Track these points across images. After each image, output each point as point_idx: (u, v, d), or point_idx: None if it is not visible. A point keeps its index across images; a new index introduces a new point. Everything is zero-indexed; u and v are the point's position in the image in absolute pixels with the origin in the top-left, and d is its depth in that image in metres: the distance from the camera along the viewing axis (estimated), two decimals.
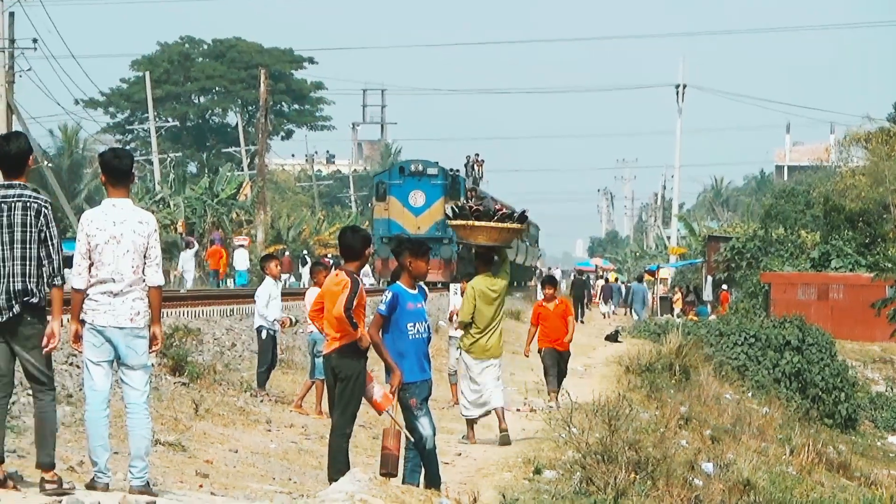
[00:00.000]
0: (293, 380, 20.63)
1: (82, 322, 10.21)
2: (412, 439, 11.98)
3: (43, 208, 10.02)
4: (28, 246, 9.95)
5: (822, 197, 60.57)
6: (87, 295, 10.15)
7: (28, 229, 9.95)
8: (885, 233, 55.04)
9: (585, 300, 60.07)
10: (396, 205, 50.54)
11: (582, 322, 51.01)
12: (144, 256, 10.38)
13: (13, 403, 12.02)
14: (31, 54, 59.36)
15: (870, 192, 59.15)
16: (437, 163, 51.82)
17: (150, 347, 10.47)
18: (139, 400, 10.39)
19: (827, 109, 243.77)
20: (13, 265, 9.91)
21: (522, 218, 18.58)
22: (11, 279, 9.89)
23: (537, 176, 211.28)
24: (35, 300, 9.97)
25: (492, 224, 17.57)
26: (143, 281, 10.39)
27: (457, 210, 18.64)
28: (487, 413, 17.33)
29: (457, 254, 53.82)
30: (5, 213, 9.92)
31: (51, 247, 10.01)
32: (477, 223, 17.60)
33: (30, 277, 9.94)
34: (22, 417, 12.79)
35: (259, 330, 19.62)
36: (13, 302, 9.89)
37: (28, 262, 9.95)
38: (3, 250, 9.91)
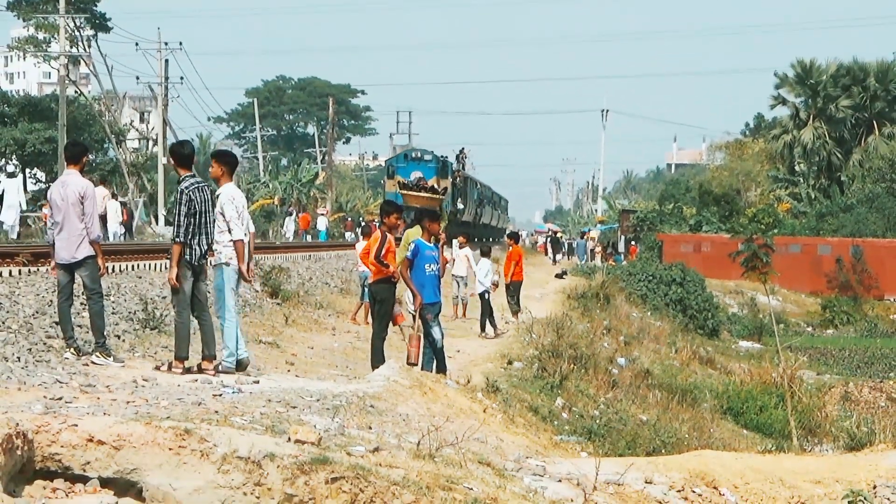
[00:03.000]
0: (350, 301, 20.51)
1: (227, 264, 10.03)
2: (428, 341, 11.92)
3: (210, 190, 10.12)
4: (214, 214, 9.97)
5: (697, 185, 60.61)
6: (223, 243, 10.02)
7: (213, 205, 10.00)
8: (738, 208, 55.08)
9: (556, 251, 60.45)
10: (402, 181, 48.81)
11: (555, 263, 51.16)
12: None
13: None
14: (179, 87, 59.64)
15: (728, 181, 59.51)
16: (432, 151, 48.67)
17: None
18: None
19: (700, 126, 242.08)
20: (211, 227, 9.90)
21: (434, 191, 18.78)
22: (210, 235, 9.90)
23: (509, 168, 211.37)
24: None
25: (420, 194, 17.62)
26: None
27: (403, 184, 18.80)
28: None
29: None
30: (200, 193, 9.82)
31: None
32: (411, 192, 17.58)
33: (214, 234, 10.00)
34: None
35: (482, 294, 19.26)
36: (209, 250, 9.94)
37: (214, 225, 9.97)
38: (207, 215, 9.84)
